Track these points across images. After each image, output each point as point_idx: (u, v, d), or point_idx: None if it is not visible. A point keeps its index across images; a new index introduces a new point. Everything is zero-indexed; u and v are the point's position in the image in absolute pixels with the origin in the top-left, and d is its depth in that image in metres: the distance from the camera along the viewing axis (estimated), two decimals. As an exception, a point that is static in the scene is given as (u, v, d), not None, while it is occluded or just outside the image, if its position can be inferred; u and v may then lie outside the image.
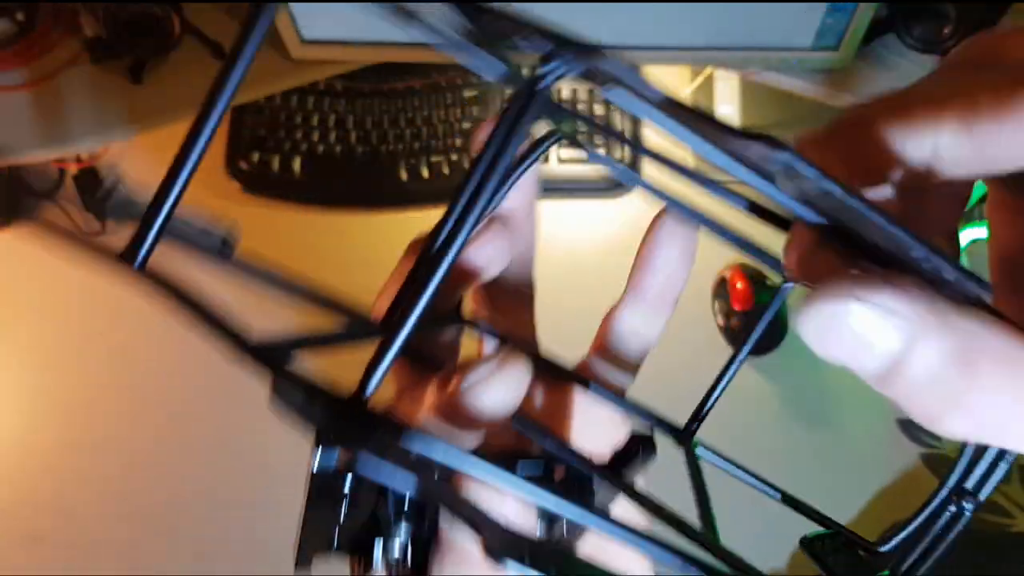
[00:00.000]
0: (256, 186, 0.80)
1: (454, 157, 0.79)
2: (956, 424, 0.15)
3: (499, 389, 0.19)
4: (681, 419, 0.26)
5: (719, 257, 0.75)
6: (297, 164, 0.79)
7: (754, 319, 0.73)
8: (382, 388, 0.16)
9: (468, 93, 0.81)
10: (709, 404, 0.25)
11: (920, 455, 0.70)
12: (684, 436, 0.25)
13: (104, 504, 0.73)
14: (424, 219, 0.80)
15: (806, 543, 0.23)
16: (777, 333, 0.73)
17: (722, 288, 0.74)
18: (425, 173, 0.79)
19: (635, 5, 0.58)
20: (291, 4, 0.61)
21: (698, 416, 0.25)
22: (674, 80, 0.79)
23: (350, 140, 0.80)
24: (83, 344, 0.78)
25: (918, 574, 0.21)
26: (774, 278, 0.74)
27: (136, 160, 0.83)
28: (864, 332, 0.14)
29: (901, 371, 0.14)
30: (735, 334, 0.74)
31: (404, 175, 0.79)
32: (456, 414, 0.19)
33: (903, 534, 0.21)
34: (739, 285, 0.73)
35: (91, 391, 0.77)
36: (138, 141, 0.82)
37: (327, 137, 0.80)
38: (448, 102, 0.81)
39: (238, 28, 0.16)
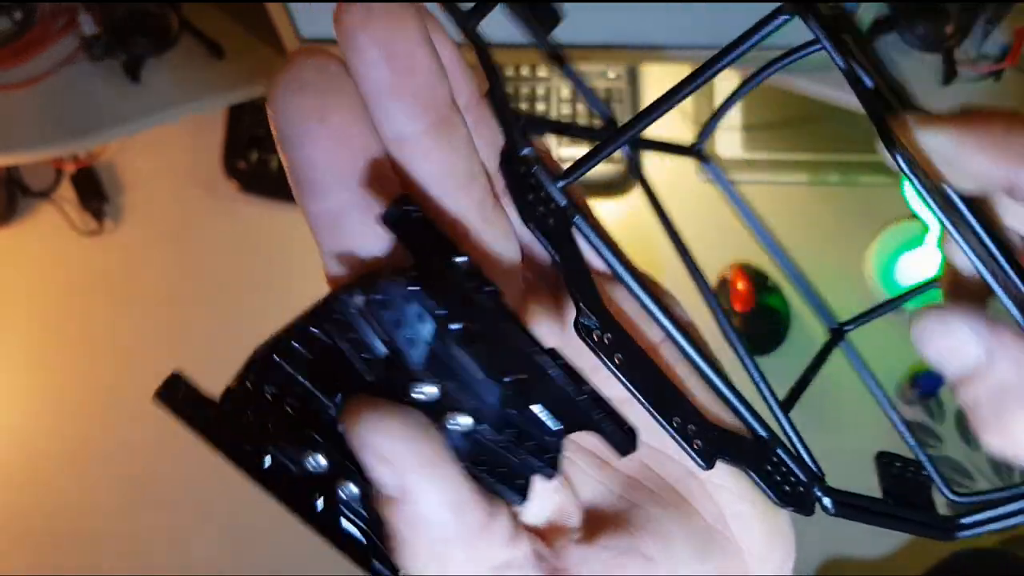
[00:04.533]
0: (254, 185, 0.80)
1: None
2: (994, 439, 0.18)
3: None
4: None
5: (720, 258, 0.75)
6: (296, 163, 0.79)
7: (754, 319, 0.73)
8: None
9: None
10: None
11: (921, 456, 0.70)
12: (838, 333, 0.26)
13: (107, 505, 0.73)
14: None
15: (882, 455, 0.24)
16: (778, 334, 0.73)
17: (723, 288, 0.74)
18: (424, 172, 0.79)
19: (635, 5, 0.58)
20: (290, 4, 0.60)
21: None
22: (674, 79, 0.78)
23: (349, 139, 0.80)
24: (83, 344, 0.78)
25: (968, 533, 0.21)
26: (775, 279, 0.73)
27: (134, 159, 0.83)
28: (955, 344, 0.18)
29: (974, 380, 0.18)
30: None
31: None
32: None
33: (987, 497, 0.21)
34: (740, 286, 0.72)
35: (92, 391, 0.76)
36: (136, 140, 0.82)
37: (326, 136, 0.80)
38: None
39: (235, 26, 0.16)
